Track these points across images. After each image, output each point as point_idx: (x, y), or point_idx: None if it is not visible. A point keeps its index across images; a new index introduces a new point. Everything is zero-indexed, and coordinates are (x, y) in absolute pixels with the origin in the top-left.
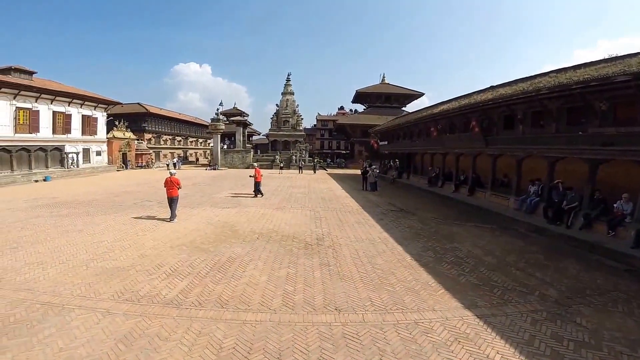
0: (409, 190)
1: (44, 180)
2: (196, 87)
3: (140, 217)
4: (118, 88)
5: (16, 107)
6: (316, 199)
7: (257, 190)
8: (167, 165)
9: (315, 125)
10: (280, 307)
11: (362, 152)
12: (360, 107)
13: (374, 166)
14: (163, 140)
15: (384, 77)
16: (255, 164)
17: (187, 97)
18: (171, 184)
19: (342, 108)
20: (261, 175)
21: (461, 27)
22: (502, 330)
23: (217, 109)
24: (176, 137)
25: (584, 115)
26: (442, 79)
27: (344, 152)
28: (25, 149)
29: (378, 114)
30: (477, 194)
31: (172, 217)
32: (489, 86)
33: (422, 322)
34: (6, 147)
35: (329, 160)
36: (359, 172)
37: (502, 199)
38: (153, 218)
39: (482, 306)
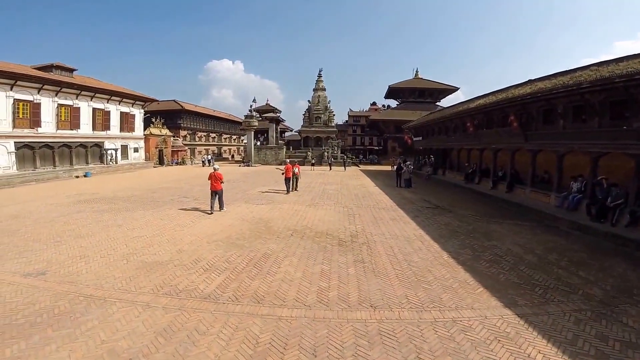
0: (445, 187)
1: (85, 176)
2: (229, 84)
3: (177, 213)
4: (153, 85)
5: (58, 104)
6: (349, 196)
7: (288, 186)
8: (203, 162)
9: (347, 121)
10: (315, 304)
11: (395, 148)
12: (393, 103)
13: (408, 162)
14: (198, 137)
15: (417, 72)
16: (287, 160)
17: (220, 93)
18: (215, 179)
19: (374, 104)
20: (291, 172)
21: (492, 19)
22: (544, 330)
23: (251, 106)
24: (211, 134)
25: (628, 109)
26: (475, 73)
27: (377, 148)
28: (66, 145)
29: (411, 109)
30: (516, 191)
31: (221, 207)
32: (527, 80)
33: (461, 321)
34: (49, 144)
35: (361, 156)
36: (392, 168)
37: (543, 195)
38: (190, 214)
39: (523, 305)
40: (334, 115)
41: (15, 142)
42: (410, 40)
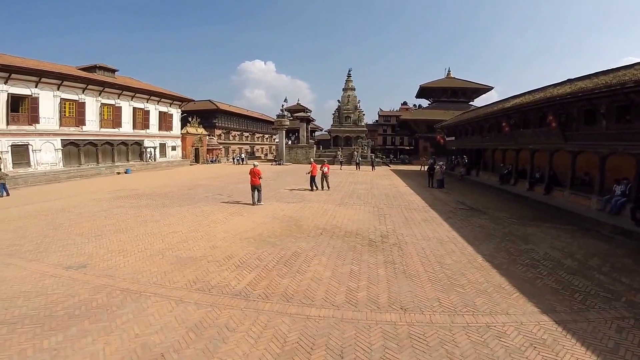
0: (479, 188)
1: (125, 172)
2: (261, 84)
3: (211, 210)
4: (189, 86)
5: (101, 103)
6: (379, 196)
7: (313, 185)
8: (234, 160)
9: (377, 120)
10: (343, 304)
11: (427, 148)
12: (424, 103)
13: (441, 162)
14: (232, 136)
15: (449, 71)
16: (312, 159)
17: (253, 94)
18: (254, 174)
19: (405, 103)
20: (317, 170)
21: (530, 18)
22: (584, 337)
23: (282, 105)
24: (244, 133)
25: None
26: (510, 73)
27: (408, 148)
28: (109, 143)
29: (444, 108)
30: (554, 193)
31: (259, 201)
32: (566, 79)
33: (495, 326)
34: (93, 141)
35: (391, 156)
36: (424, 168)
37: (583, 198)
38: (223, 211)
39: (561, 311)
40: (363, 114)
41: (61, 140)
42: (441, 41)
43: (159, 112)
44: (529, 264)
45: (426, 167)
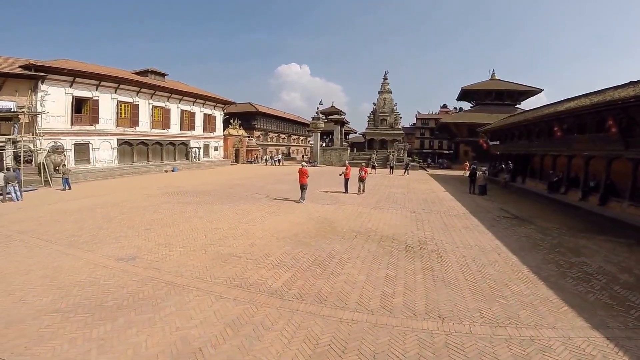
0: (525, 196)
1: (172, 170)
2: (297, 87)
3: (250, 209)
4: (229, 89)
5: (152, 105)
6: (417, 200)
7: (347, 187)
8: (265, 160)
9: (414, 124)
10: (378, 309)
11: (467, 153)
12: (465, 105)
13: (484, 168)
14: (270, 137)
15: (493, 73)
16: (347, 161)
17: (289, 96)
18: (302, 174)
19: (444, 106)
20: (351, 173)
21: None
22: (638, 355)
23: (317, 108)
24: (281, 135)
25: None
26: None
27: (447, 152)
28: (159, 143)
29: (487, 111)
30: (611, 204)
31: (302, 198)
32: (628, 81)
33: (539, 340)
34: (144, 141)
35: (429, 160)
36: (464, 173)
37: None
38: (261, 210)
39: (615, 327)
40: (400, 117)
41: (117, 139)
42: (485, 41)
43: (204, 114)
44: (580, 277)
45: (468, 172)
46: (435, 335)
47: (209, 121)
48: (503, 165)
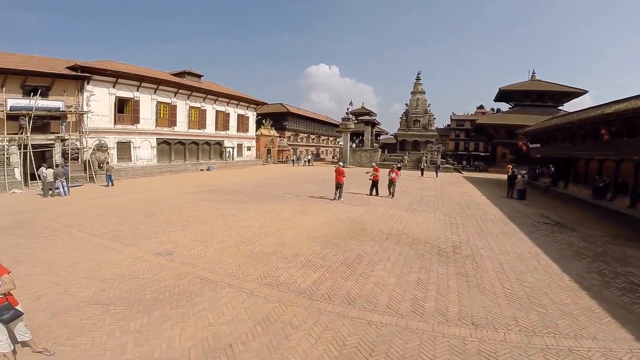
0: (567, 201)
1: (207, 169)
2: (326, 88)
3: (281, 208)
4: (260, 90)
5: (189, 106)
6: (451, 204)
7: (375, 189)
8: (292, 161)
9: (449, 125)
10: (408, 313)
11: (505, 155)
12: (503, 106)
13: (523, 171)
14: (300, 137)
15: (533, 73)
16: (374, 163)
17: (318, 97)
18: (339, 173)
19: (481, 107)
20: (379, 174)
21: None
22: None
23: (347, 109)
24: (311, 135)
25: None
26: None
27: (483, 154)
28: (195, 142)
29: (527, 113)
30: None
31: (339, 196)
32: None
33: (578, 350)
34: (182, 141)
35: (464, 162)
36: (501, 176)
37: None
38: (292, 210)
39: None
40: (434, 118)
41: (157, 139)
42: (524, 41)
43: (238, 114)
44: (626, 287)
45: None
46: (468, 342)
47: (242, 121)
48: (544, 169)
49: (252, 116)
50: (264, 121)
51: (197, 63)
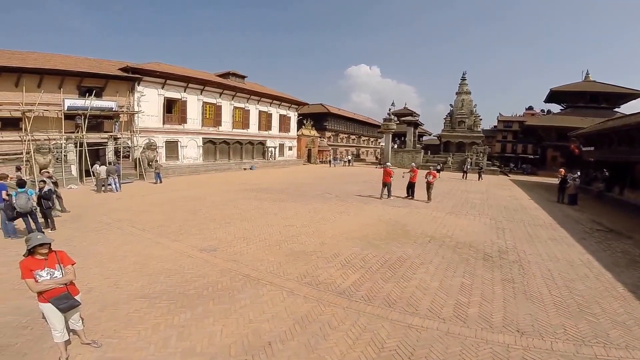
0: (622, 208)
1: (250, 168)
2: (366, 89)
3: (321, 208)
4: (301, 90)
5: (234, 106)
6: (497, 207)
7: (412, 191)
8: (329, 162)
9: (495, 126)
10: (450, 318)
11: (556, 158)
12: (554, 108)
13: (575, 175)
14: (340, 138)
15: (587, 73)
16: (413, 164)
17: (359, 98)
18: (386, 173)
19: (530, 108)
20: (417, 176)
21: None
22: None
23: (389, 109)
24: (351, 136)
25: None
26: None
27: (531, 156)
28: (239, 142)
29: (580, 115)
30: None
31: (389, 196)
32: None
33: None
34: (226, 140)
35: (512, 165)
36: (551, 180)
37: None
38: (331, 210)
39: None
40: (480, 119)
41: (203, 138)
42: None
43: (280, 115)
44: None
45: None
46: (512, 350)
47: (284, 121)
48: (597, 174)
49: (293, 116)
50: (304, 121)
51: (240, 64)
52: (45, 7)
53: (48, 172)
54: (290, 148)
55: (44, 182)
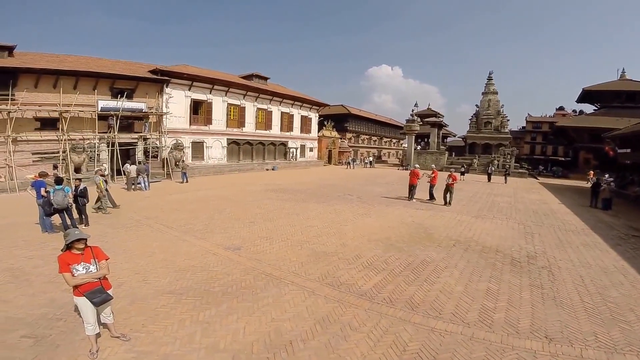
0: None
1: (272, 169)
2: (388, 89)
3: (342, 209)
4: (322, 90)
5: (257, 108)
6: (525, 211)
7: (431, 193)
8: (347, 163)
9: (523, 127)
10: (475, 322)
11: (589, 161)
12: (587, 108)
13: (610, 179)
14: (361, 139)
15: (623, 72)
16: (433, 165)
17: (380, 98)
18: (414, 175)
19: (561, 108)
20: (437, 178)
21: None
22: None
23: (412, 110)
24: (372, 137)
25: None
26: None
27: (562, 159)
28: (261, 143)
29: (615, 115)
30: None
31: (411, 198)
32: None
33: None
34: (250, 141)
35: (541, 167)
36: (583, 183)
37: None
38: (353, 211)
39: None
40: (507, 120)
41: (227, 139)
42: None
43: (301, 116)
44: None
45: (591, 183)
46: (539, 356)
47: (305, 123)
48: (634, 177)
49: (314, 117)
50: (325, 122)
51: (262, 65)
52: (81, 13)
53: (101, 170)
54: (311, 149)
55: (79, 180)
